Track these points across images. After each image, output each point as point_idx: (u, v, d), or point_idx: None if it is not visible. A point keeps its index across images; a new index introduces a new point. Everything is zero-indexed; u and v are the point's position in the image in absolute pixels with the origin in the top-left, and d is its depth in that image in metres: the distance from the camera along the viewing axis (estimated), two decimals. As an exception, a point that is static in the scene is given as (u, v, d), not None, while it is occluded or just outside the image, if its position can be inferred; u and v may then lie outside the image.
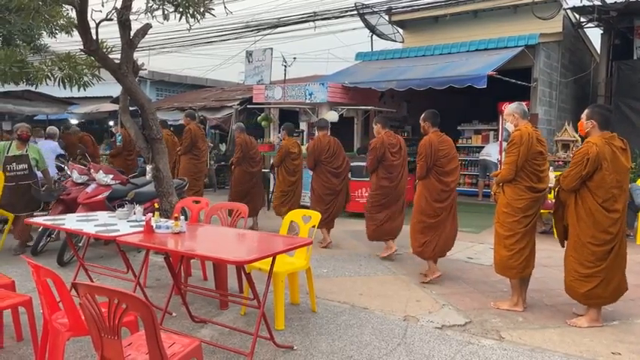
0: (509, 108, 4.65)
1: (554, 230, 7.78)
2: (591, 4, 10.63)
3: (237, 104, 13.05)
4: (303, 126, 11.17)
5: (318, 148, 6.86)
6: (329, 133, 7.25)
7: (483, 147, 11.83)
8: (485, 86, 8.71)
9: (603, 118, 4.05)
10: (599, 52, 12.43)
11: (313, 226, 4.53)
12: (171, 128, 12.05)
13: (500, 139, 10.52)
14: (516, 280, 4.52)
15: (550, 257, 6.42)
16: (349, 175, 7.45)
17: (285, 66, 12.15)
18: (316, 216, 4.60)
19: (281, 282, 4.05)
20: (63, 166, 7.54)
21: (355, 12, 12.94)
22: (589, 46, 13.46)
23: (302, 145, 10.14)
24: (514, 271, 4.46)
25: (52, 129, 9.05)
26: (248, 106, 12.50)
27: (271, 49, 12.38)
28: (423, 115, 5.60)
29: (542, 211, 7.49)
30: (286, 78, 12.30)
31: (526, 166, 4.36)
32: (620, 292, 4.11)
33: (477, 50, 10.99)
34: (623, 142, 4.03)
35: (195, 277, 5.33)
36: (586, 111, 4.13)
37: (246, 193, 7.88)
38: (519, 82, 10.02)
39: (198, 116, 13.23)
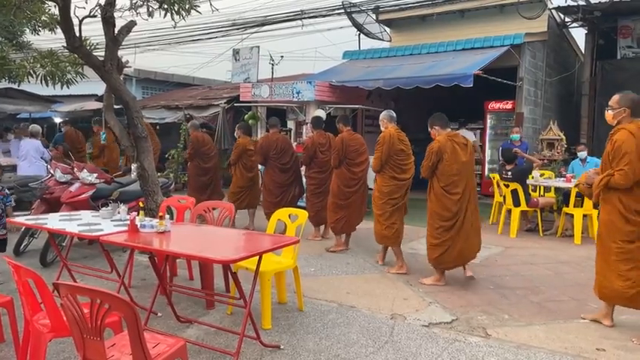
0: (380, 115, 5.90)
1: (539, 228, 7.90)
2: (576, 4, 10.73)
3: (225, 102, 12.97)
4: (290, 124, 11.13)
5: (266, 145, 7.37)
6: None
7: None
8: (471, 85, 8.75)
9: (442, 121, 5.14)
10: (583, 51, 12.56)
11: (300, 225, 4.51)
12: (157, 127, 12.01)
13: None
14: (397, 247, 5.67)
15: (535, 255, 6.48)
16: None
17: (273, 64, 12.10)
18: (303, 215, 4.58)
19: (268, 281, 4.02)
20: (47, 165, 7.43)
21: (343, 10, 12.93)
22: (573, 45, 13.60)
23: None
24: (390, 240, 5.68)
25: (35, 127, 8.93)
26: (235, 104, 12.43)
27: (258, 47, 12.31)
28: (337, 117, 6.84)
29: (527, 209, 7.61)
30: (273, 76, 12.25)
31: (390, 161, 5.61)
32: (464, 260, 5.06)
33: (463, 49, 11.04)
34: (465, 140, 5.08)
35: (181, 276, 5.28)
36: (429, 122, 5.19)
37: (204, 188, 8.12)
38: (505, 82, 10.10)
39: (185, 114, 13.18)
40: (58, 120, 14.55)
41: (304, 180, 7.62)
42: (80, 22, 5.33)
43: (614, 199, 3.84)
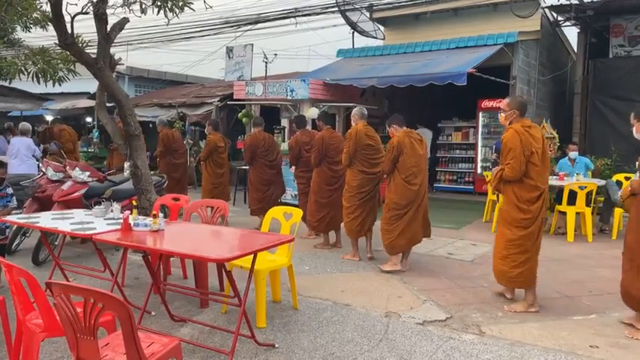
0: (352, 111, 6.15)
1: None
2: (569, 2, 10.78)
3: (218, 101, 12.93)
4: (284, 123, 11.10)
5: (254, 143, 7.47)
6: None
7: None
8: (465, 83, 8.77)
9: (399, 120, 5.57)
10: (575, 50, 12.62)
11: (295, 223, 4.50)
12: (150, 125, 11.94)
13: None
14: (354, 239, 6.04)
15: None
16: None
17: (266, 62, 12.06)
18: (298, 213, 4.57)
19: (262, 279, 4.01)
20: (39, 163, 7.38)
21: (336, 9, 12.90)
22: (566, 44, 13.65)
23: (284, 141, 10.13)
24: (353, 232, 6.01)
25: (25, 125, 8.83)
26: (228, 102, 12.39)
27: (252, 45, 12.27)
28: (317, 115, 7.05)
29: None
30: (267, 74, 12.21)
31: (358, 155, 5.85)
32: (413, 243, 5.51)
33: (457, 48, 11.06)
34: (419, 136, 5.56)
35: (174, 275, 5.26)
36: (387, 122, 5.65)
37: (175, 184, 8.30)
38: (498, 80, 10.13)
39: (178, 112, 13.12)
40: (49, 118, 14.43)
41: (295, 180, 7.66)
42: (72, 19, 5.28)
43: (509, 190, 4.32)
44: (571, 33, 13.02)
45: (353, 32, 13.38)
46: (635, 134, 4.13)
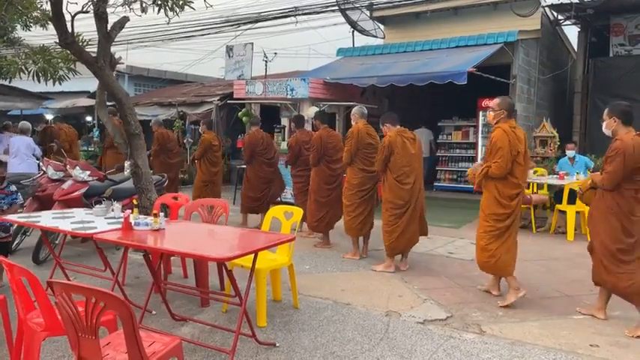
0: (352, 110, 6.16)
1: (532, 225, 7.94)
2: (569, 1, 10.78)
3: (218, 100, 12.92)
4: (284, 122, 11.09)
5: (253, 142, 7.62)
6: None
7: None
8: (465, 82, 8.76)
9: (392, 119, 5.61)
10: (576, 49, 12.62)
11: (295, 222, 4.50)
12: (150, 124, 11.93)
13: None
14: (356, 238, 6.06)
15: (528, 252, 6.50)
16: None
17: (266, 61, 12.05)
18: (298, 212, 4.57)
19: (263, 279, 4.01)
20: (39, 162, 7.38)
21: (336, 7, 12.89)
22: (566, 43, 13.65)
23: (283, 140, 10.13)
24: (354, 231, 6.02)
25: (25, 124, 8.83)
26: (228, 101, 12.38)
27: (252, 43, 12.26)
28: (313, 115, 7.30)
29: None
30: (267, 73, 12.20)
31: (359, 154, 5.91)
32: (412, 243, 5.60)
33: (457, 47, 11.05)
34: (412, 134, 5.59)
35: (175, 274, 5.26)
36: (380, 121, 5.65)
37: (170, 184, 8.29)
38: (498, 79, 10.12)
39: (178, 111, 13.10)
40: (49, 117, 14.41)
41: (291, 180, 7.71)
42: (72, 17, 5.28)
43: (491, 186, 4.49)
44: (571, 32, 13.04)
45: (353, 31, 13.36)
46: (605, 130, 4.22)
